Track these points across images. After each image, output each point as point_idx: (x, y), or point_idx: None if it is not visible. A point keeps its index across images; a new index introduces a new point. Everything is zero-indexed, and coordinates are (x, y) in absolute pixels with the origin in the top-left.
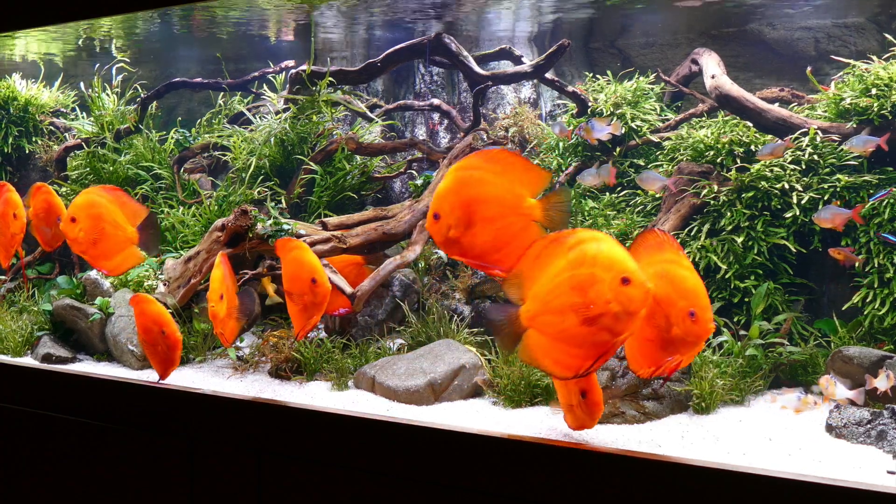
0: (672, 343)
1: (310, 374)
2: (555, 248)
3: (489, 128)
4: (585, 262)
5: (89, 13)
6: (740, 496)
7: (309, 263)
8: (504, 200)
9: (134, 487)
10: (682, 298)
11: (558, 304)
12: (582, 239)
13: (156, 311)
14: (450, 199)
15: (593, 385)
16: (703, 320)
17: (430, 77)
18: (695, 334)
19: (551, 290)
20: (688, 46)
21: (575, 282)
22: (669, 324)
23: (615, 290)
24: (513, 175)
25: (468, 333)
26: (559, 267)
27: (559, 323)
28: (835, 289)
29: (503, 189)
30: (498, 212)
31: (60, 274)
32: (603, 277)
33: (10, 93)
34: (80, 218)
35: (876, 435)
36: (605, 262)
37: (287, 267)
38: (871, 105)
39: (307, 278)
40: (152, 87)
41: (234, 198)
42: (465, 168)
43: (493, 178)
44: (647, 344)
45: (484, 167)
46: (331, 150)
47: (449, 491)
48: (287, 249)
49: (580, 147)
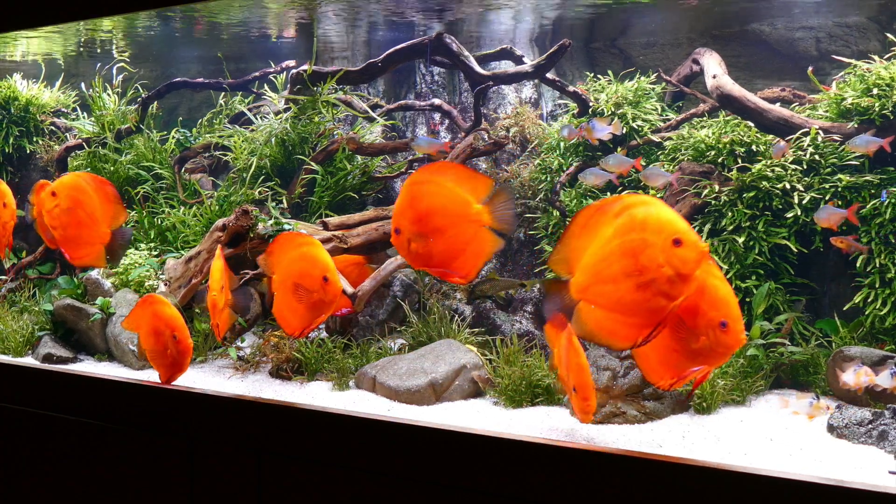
0: (699, 354)
1: (311, 374)
2: (601, 216)
3: (490, 128)
4: (634, 227)
5: (89, 13)
6: (741, 496)
7: (322, 261)
8: (454, 210)
9: (134, 487)
10: (713, 308)
11: (609, 273)
12: (629, 204)
13: (170, 315)
14: (407, 215)
15: (583, 381)
16: (734, 331)
17: (431, 77)
18: (725, 345)
19: (601, 259)
20: (689, 46)
21: (625, 248)
22: (697, 334)
23: (667, 253)
24: (458, 184)
25: (469, 333)
26: (607, 235)
27: (612, 293)
28: (836, 289)
29: (451, 199)
30: (450, 221)
31: (61, 274)
32: (654, 241)
33: (11, 93)
34: (61, 196)
35: (877, 435)
36: (654, 225)
37: (296, 263)
38: (872, 105)
39: (318, 276)
40: (153, 87)
41: (235, 198)
42: (415, 183)
43: (441, 190)
44: (670, 354)
45: (432, 180)
46: (332, 150)
47: (449, 491)
48: (296, 244)
49: (581, 147)
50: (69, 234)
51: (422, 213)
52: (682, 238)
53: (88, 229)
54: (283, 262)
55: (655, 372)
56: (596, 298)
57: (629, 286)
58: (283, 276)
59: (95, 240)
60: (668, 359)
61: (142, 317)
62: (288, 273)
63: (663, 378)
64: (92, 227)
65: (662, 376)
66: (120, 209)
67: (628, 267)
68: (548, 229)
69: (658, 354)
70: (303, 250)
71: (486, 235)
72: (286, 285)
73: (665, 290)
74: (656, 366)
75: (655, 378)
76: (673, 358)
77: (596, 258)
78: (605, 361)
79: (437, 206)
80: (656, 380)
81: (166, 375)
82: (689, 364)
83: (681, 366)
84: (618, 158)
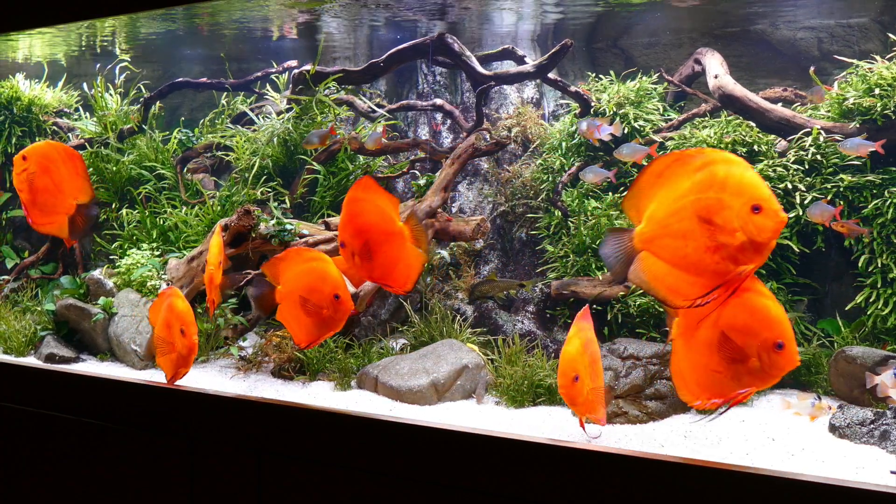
0: (748, 375)
1: (313, 374)
2: (679, 167)
3: (492, 128)
4: (714, 185)
5: (90, 13)
6: (743, 496)
7: (332, 277)
8: (385, 226)
9: (134, 487)
10: (767, 329)
11: (679, 227)
12: (711, 160)
13: (181, 308)
14: (348, 230)
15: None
16: (790, 352)
17: (433, 77)
18: (779, 367)
19: (673, 212)
20: (690, 46)
21: (700, 206)
22: (746, 355)
23: (744, 219)
24: (383, 202)
25: (471, 333)
26: (683, 188)
27: (678, 248)
28: (838, 289)
29: (382, 216)
30: (384, 236)
31: (64, 274)
32: (731, 204)
33: (14, 93)
34: (31, 161)
35: (879, 435)
36: (735, 186)
37: (305, 277)
38: (874, 105)
39: (329, 293)
40: (155, 87)
41: (237, 198)
42: (354, 199)
43: (374, 207)
44: (713, 375)
45: (367, 198)
46: (334, 150)
47: (449, 491)
48: (305, 258)
49: (583, 147)
50: (35, 199)
51: (362, 228)
52: (762, 205)
53: (53, 197)
54: (290, 274)
55: (692, 391)
56: (660, 251)
57: (698, 245)
58: (291, 287)
59: (60, 209)
60: (709, 380)
61: (159, 308)
62: (295, 286)
63: (700, 398)
64: (57, 195)
65: (699, 396)
66: (87, 185)
67: (700, 226)
68: (549, 229)
69: (698, 375)
70: (312, 265)
71: (411, 250)
72: (293, 297)
73: (734, 256)
74: (693, 385)
75: (691, 398)
76: (714, 379)
77: (667, 210)
78: (608, 362)
79: (372, 222)
80: (692, 399)
81: (172, 372)
82: (733, 385)
83: (723, 387)
84: (632, 147)
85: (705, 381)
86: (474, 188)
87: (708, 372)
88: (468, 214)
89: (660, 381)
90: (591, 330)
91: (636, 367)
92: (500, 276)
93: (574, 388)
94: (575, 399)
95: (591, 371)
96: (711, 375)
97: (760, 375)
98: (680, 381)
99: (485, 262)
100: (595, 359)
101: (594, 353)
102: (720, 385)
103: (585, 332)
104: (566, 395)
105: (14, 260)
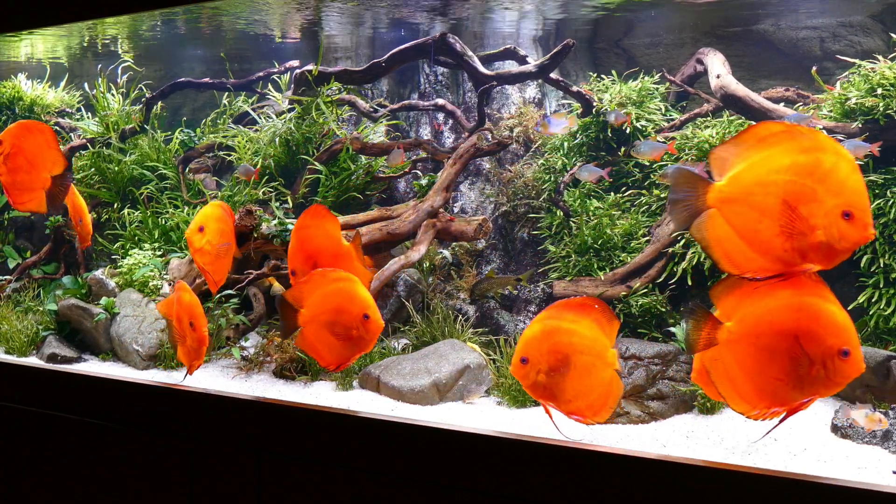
0: (811, 383)
1: (314, 374)
2: (786, 140)
3: (494, 128)
4: (815, 174)
5: (90, 14)
6: (745, 496)
7: (361, 297)
8: (332, 249)
9: (134, 487)
10: (833, 336)
11: (761, 201)
12: (822, 146)
13: (189, 302)
14: (298, 256)
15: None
16: (856, 360)
17: (435, 77)
18: (844, 375)
19: (761, 182)
20: (693, 46)
21: (792, 189)
22: (811, 363)
23: (831, 220)
24: (330, 227)
25: (473, 333)
26: (782, 164)
27: (752, 220)
28: (840, 289)
29: (329, 238)
30: (331, 259)
31: (66, 274)
32: (825, 200)
33: (16, 93)
34: (5, 144)
35: (881, 435)
36: (835, 184)
37: (333, 298)
38: (876, 105)
39: (358, 313)
40: (157, 87)
41: (238, 198)
42: (302, 227)
43: (321, 232)
44: (774, 384)
45: (312, 224)
46: (335, 150)
47: (449, 491)
48: (331, 279)
49: (584, 147)
50: (14, 180)
51: (311, 253)
52: (854, 213)
53: (29, 175)
54: (315, 297)
55: (749, 401)
56: (732, 216)
57: (773, 226)
58: (316, 311)
59: (37, 185)
60: (770, 388)
61: (171, 303)
62: (322, 309)
63: (757, 407)
64: (32, 172)
65: (756, 405)
66: (59, 156)
67: (783, 209)
68: (551, 229)
69: (756, 383)
70: (339, 286)
71: (359, 268)
72: (320, 320)
73: (805, 252)
74: (751, 395)
75: (746, 408)
76: (775, 387)
77: (755, 179)
78: None
79: (321, 246)
80: (747, 409)
81: (187, 364)
82: (795, 394)
83: (784, 396)
84: (650, 144)
85: (765, 390)
86: (476, 188)
87: (768, 380)
88: (470, 214)
89: (661, 381)
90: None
91: (638, 367)
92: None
93: (520, 369)
94: (521, 381)
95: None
96: (772, 384)
97: (825, 383)
98: (731, 390)
99: (486, 263)
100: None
101: (560, 343)
102: (781, 393)
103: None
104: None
105: (16, 260)
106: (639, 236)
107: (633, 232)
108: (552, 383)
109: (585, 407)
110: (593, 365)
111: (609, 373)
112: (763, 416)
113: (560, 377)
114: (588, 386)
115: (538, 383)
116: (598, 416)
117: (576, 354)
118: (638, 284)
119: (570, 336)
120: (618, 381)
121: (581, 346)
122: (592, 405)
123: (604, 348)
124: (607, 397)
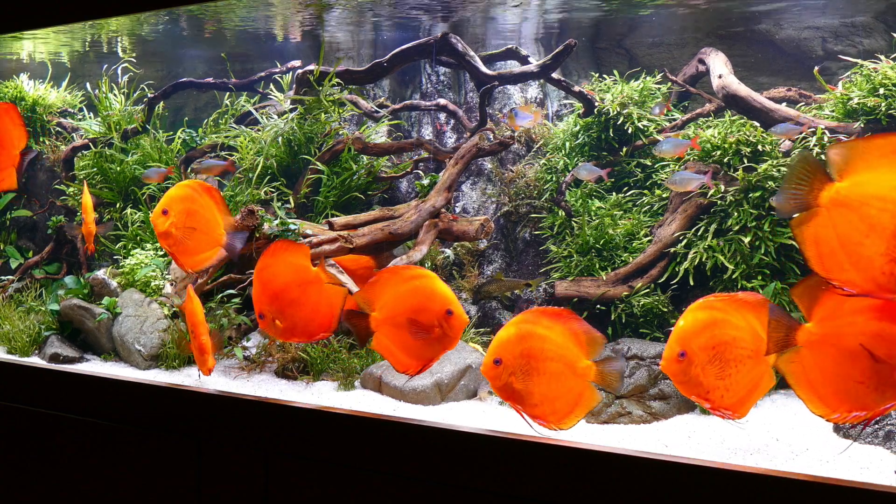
0: (894, 388)
1: (316, 373)
2: None
3: (495, 128)
4: None
5: (90, 14)
6: (746, 497)
7: (442, 293)
8: (298, 277)
9: (141, 487)
10: None
11: (875, 215)
12: None
13: (191, 309)
14: (263, 299)
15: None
16: None
17: (437, 77)
18: None
19: (881, 196)
20: (694, 46)
21: None
22: (893, 367)
23: None
24: (293, 256)
25: (474, 333)
26: None
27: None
28: None
29: (294, 270)
30: (300, 290)
31: (68, 274)
32: None
33: (18, 93)
34: None
35: (884, 435)
36: None
37: (411, 298)
38: (878, 105)
39: (440, 310)
40: (159, 88)
41: (240, 198)
42: (263, 268)
43: (283, 267)
44: (856, 387)
45: (272, 262)
46: (337, 150)
47: (455, 490)
48: (405, 278)
49: (586, 147)
50: None
51: (277, 292)
52: None
53: (1, 157)
54: (390, 298)
55: (830, 404)
56: (839, 220)
57: (878, 243)
58: (392, 312)
59: (8, 164)
60: (852, 392)
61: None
62: (399, 310)
63: (839, 411)
64: (2, 152)
65: (837, 409)
66: (23, 132)
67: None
68: (553, 229)
69: (837, 386)
70: (417, 283)
71: (331, 289)
72: (396, 322)
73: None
74: (832, 398)
75: (825, 411)
76: (857, 391)
77: (876, 190)
78: None
79: (286, 280)
80: (826, 413)
81: (200, 364)
82: (877, 398)
83: (867, 399)
84: (672, 142)
85: (847, 394)
86: (478, 188)
87: (851, 383)
88: (472, 214)
89: (663, 381)
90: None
91: (640, 367)
92: (505, 277)
93: (492, 369)
94: (491, 382)
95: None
96: (855, 387)
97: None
98: (812, 393)
99: (488, 262)
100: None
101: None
102: (863, 397)
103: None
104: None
105: (18, 260)
106: (640, 236)
107: (635, 232)
108: (521, 386)
109: (550, 412)
110: (562, 373)
111: (580, 383)
112: (844, 420)
113: (529, 381)
114: (555, 392)
115: (508, 385)
116: (562, 423)
117: (546, 360)
118: (640, 284)
119: (542, 342)
120: (591, 392)
121: (552, 353)
122: (557, 412)
123: (576, 358)
124: (574, 406)
